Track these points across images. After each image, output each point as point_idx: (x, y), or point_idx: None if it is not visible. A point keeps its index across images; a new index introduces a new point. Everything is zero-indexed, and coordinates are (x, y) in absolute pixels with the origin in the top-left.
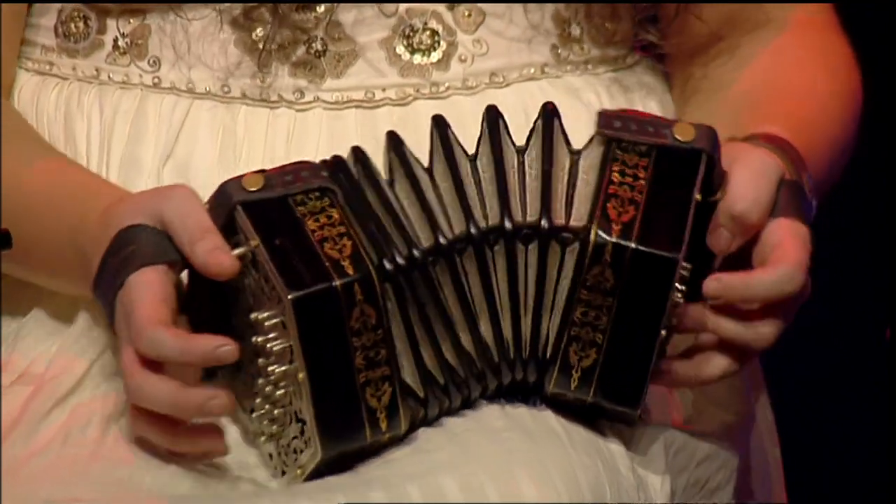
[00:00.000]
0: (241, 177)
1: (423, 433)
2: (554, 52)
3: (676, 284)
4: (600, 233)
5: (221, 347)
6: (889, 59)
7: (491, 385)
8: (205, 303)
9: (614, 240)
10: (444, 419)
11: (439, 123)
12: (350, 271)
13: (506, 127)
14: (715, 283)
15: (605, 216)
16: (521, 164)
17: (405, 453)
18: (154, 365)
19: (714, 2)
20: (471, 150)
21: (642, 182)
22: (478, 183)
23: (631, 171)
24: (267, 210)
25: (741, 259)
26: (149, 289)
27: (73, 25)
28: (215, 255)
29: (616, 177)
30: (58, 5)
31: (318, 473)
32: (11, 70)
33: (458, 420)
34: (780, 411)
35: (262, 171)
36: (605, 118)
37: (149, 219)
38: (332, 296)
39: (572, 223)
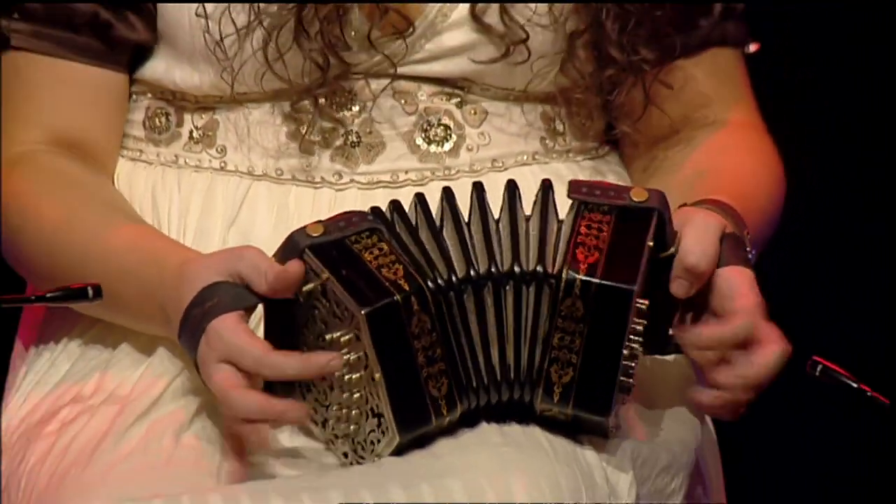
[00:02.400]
0: (304, 227)
1: (438, 443)
2: (543, 143)
3: (634, 318)
4: (570, 272)
5: (332, 361)
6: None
7: (493, 399)
8: (276, 340)
9: (582, 277)
10: (456, 432)
11: (475, 192)
12: (406, 287)
13: (520, 199)
14: (706, 337)
15: (575, 259)
16: (527, 227)
17: (422, 456)
18: (244, 384)
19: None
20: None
21: (605, 234)
22: (498, 238)
23: (596, 225)
24: (330, 250)
25: (700, 302)
26: (238, 329)
27: (157, 120)
28: (284, 282)
29: (584, 230)
30: (145, 103)
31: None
32: (115, 158)
33: (465, 435)
34: (720, 428)
35: (320, 221)
36: (574, 185)
37: (225, 275)
38: (395, 308)
39: (555, 269)
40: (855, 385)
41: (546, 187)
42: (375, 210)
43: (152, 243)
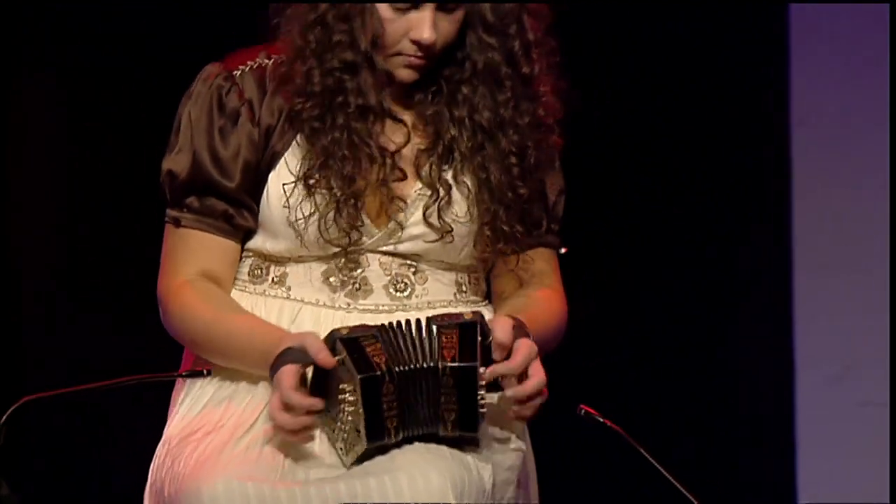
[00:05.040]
0: (339, 328)
1: (391, 451)
2: (454, 294)
3: (480, 379)
4: (440, 363)
5: (315, 405)
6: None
7: (419, 431)
8: (320, 388)
9: (449, 364)
10: (401, 446)
11: (415, 321)
12: (384, 368)
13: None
14: (513, 391)
15: (442, 357)
16: (431, 343)
17: (380, 457)
18: (287, 409)
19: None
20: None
21: (455, 338)
22: (420, 347)
23: (449, 335)
24: (349, 341)
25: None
26: (291, 377)
27: (256, 271)
28: (325, 357)
29: (444, 340)
30: (249, 261)
31: (359, 459)
32: (231, 290)
33: (405, 447)
34: (534, 441)
35: (348, 326)
36: (432, 319)
37: (296, 343)
38: (375, 378)
39: (438, 363)
40: (607, 423)
41: (419, 323)
42: (379, 326)
43: (263, 324)
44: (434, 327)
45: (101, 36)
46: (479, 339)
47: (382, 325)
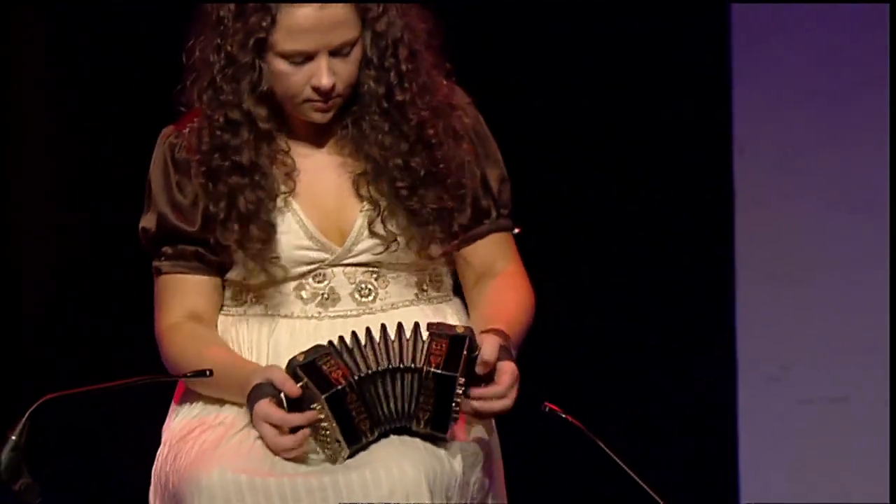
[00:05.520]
0: (295, 356)
1: (371, 448)
2: (416, 295)
3: (458, 388)
4: (425, 367)
5: (309, 419)
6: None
7: (394, 427)
8: (295, 410)
9: (433, 370)
10: (379, 441)
11: (381, 327)
12: (343, 383)
13: (402, 329)
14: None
15: (429, 362)
16: (407, 344)
17: (362, 453)
18: (278, 430)
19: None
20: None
21: (445, 347)
22: (393, 350)
23: (439, 343)
24: (307, 366)
25: (487, 378)
26: (269, 405)
27: (237, 296)
28: (290, 387)
29: (433, 347)
30: (230, 290)
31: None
32: (216, 319)
33: (382, 442)
34: (502, 436)
35: (302, 352)
36: (430, 325)
37: (264, 379)
38: (338, 393)
39: (421, 365)
40: (569, 419)
41: (416, 326)
42: (330, 342)
43: (236, 361)
44: (428, 333)
45: (102, 36)
46: (466, 353)
47: (331, 341)
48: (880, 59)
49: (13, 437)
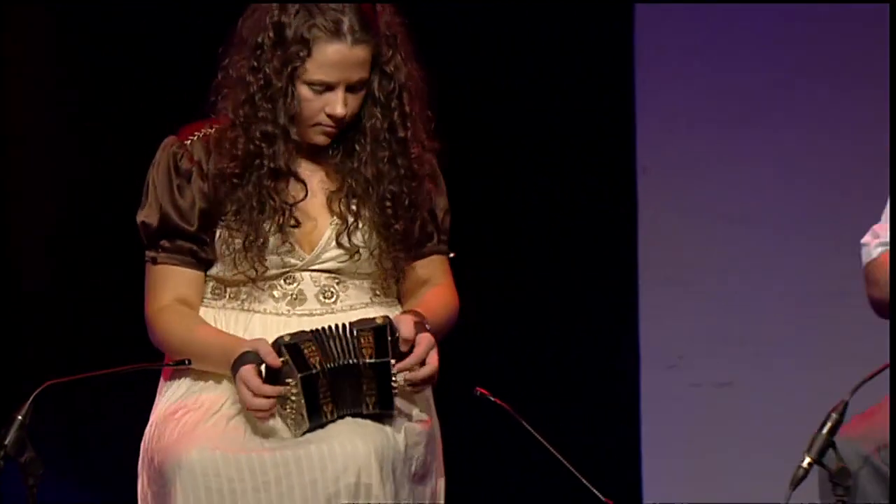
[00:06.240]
0: (282, 335)
1: (328, 426)
2: (370, 298)
3: (392, 369)
4: (361, 360)
5: (278, 392)
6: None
7: (350, 411)
8: (271, 381)
9: (368, 361)
10: (336, 421)
11: (343, 324)
12: (318, 367)
13: (354, 328)
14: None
15: (362, 354)
16: (353, 341)
17: (315, 433)
18: (257, 395)
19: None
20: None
21: (371, 339)
22: (347, 346)
23: (366, 336)
24: (291, 346)
25: (412, 350)
26: (252, 371)
27: (216, 291)
28: (273, 359)
29: (363, 341)
30: (211, 283)
31: (304, 434)
32: (199, 307)
33: (339, 422)
34: (441, 416)
35: (290, 333)
36: (355, 323)
37: (251, 348)
38: (313, 376)
39: (359, 360)
40: (497, 403)
41: (344, 326)
42: (314, 330)
43: (224, 334)
44: (355, 331)
45: (102, 36)
46: (389, 338)
47: (316, 329)
48: (761, 93)
49: (19, 418)
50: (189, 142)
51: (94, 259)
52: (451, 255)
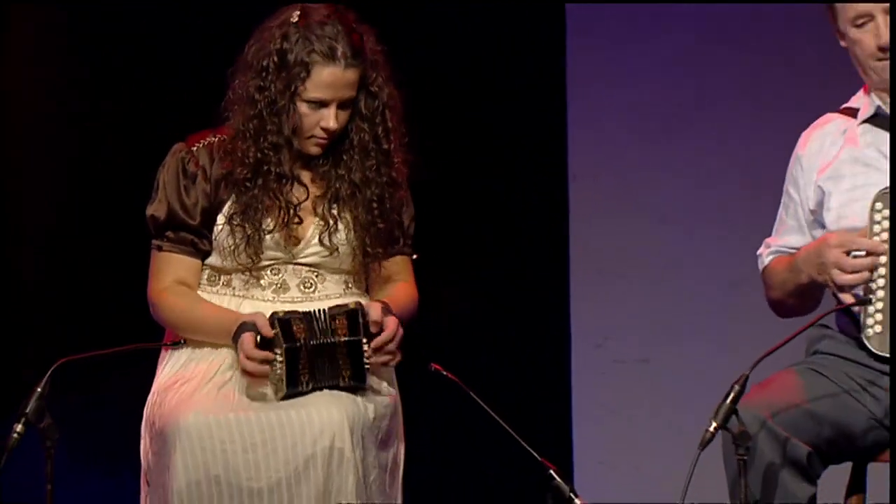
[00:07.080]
0: (277, 311)
1: (307, 396)
2: (343, 290)
3: (364, 346)
4: (337, 339)
5: (269, 357)
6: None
7: (326, 384)
8: (265, 347)
9: (342, 339)
10: (312, 392)
11: (322, 309)
12: (303, 341)
13: (331, 313)
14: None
15: (337, 334)
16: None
17: (297, 400)
18: (251, 360)
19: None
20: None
21: (345, 321)
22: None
23: (340, 319)
24: (283, 321)
25: (380, 332)
26: (249, 338)
27: (212, 278)
28: (266, 330)
29: (338, 323)
30: (207, 272)
31: (285, 398)
32: (196, 290)
33: (315, 393)
34: (401, 388)
35: (286, 311)
36: (332, 308)
37: (250, 320)
38: (297, 348)
39: (336, 339)
40: (449, 376)
41: (322, 311)
42: (305, 312)
43: (222, 309)
44: (332, 314)
45: (102, 36)
46: (361, 320)
47: (307, 311)
48: (685, 105)
49: (38, 390)
50: (195, 148)
51: (94, 258)
52: (415, 256)
